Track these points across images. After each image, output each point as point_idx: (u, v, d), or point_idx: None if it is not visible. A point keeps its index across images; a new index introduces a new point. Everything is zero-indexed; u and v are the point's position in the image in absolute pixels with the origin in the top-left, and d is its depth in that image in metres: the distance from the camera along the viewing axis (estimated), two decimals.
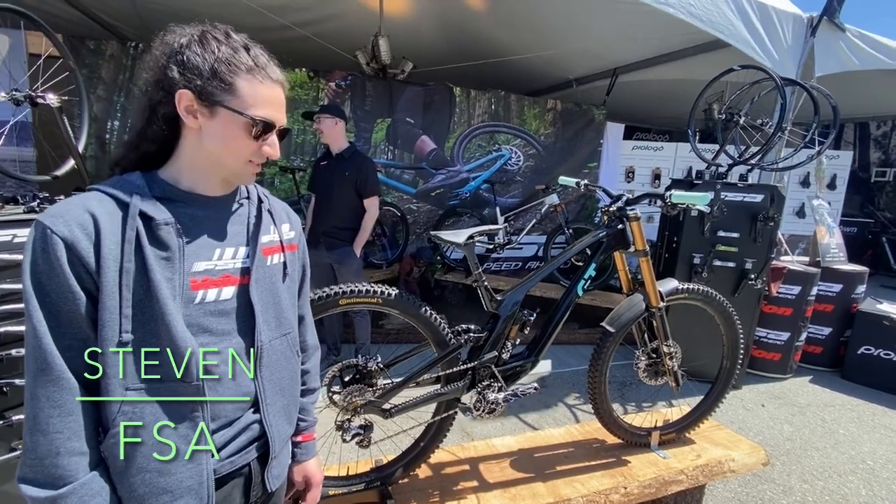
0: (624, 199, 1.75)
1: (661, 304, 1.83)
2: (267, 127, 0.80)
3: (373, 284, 1.47)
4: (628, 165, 6.41)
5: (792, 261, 3.89)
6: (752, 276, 3.30)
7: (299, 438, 1.04)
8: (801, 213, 6.19)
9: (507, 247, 4.73)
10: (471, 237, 1.54)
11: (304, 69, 4.59)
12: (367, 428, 1.48)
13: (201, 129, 0.78)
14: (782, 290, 3.62)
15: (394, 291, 1.48)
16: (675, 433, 2.12)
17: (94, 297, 0.70)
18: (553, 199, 4.69)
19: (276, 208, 0.95)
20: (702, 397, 2.19)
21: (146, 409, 0.73)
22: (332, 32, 4.61)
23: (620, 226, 1.74)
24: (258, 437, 0.87)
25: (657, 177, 6.42)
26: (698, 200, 1.55)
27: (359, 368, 1.49)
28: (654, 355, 1.99)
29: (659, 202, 1.61)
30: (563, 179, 2.10)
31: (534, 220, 4.91)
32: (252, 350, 0.84)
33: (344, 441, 1.46)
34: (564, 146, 5.71)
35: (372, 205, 3.06)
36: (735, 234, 3.34)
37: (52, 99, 1.75)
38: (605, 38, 4.60)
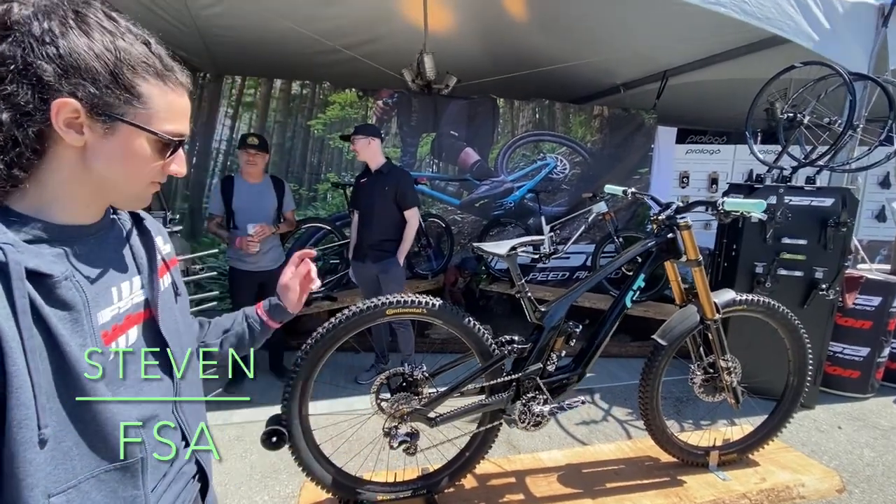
0: (674, 206, 1.69)
1: (717, 317, 1.74)
2: (178, 144, 0.67)
3: (417, 295, 1.51)
4: (682, 170, 6.15)
5: (870, 269, 3.56)
6: (824, 286, 3.05)
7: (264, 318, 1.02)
8: (881, 216, 5.65)
9: (554, 256, 4.66)
10: (513, 248, 1.56)
11: (353, 89, 4.80)
12: (413, 436, 1.52)
13: (86, 147, 0.59)
14: (859, 302, 3.32)
15: (437, 302, 1.52)
16: (737, 454, 1.99)
17: None
18: (601, 207, 4.58)
19: (149, 221, 0.79)
20: (766, 416, 2.05)
21: None
22: (379, 52, 4.80)
23: (670, 234, 1.68)
24: (195, 472, 0.80)
25: (714, 181, 6.11)
26: (754, 207, 1.48)
27: (405, 377, 1.54)
28: (711, 370, 1.89)
29: (711, 210, 1.55)
30: (609, 188, 2.06)
31: (581, 229, 4.81)
32: (172, 386, 0.74)
33: (391, 447, 1.50)
34: (612, 152, 5.57)
35: (412, 216, 3.17)
36: (802, 241, 3.11)
37: None
38: (654, 40, 4.47)
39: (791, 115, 3.07)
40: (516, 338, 1.62)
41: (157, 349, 0.72)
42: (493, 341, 1.60)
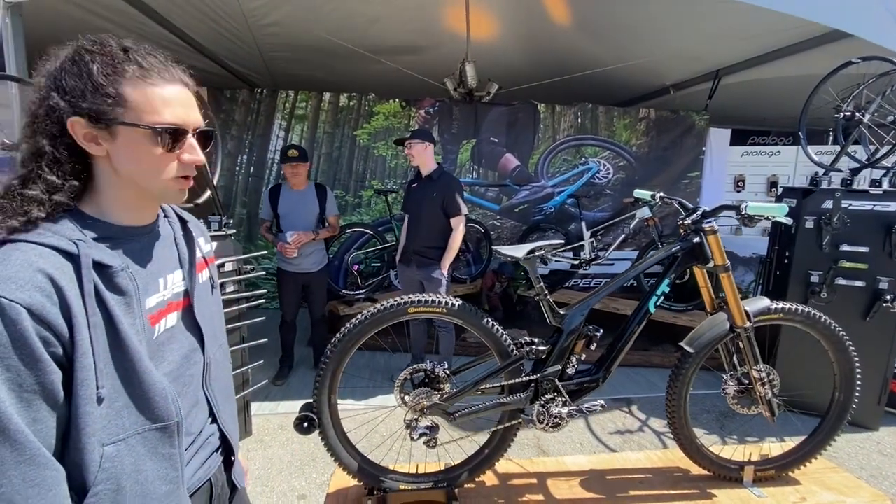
0: (700, 211, 1.66)
1: (748, 325, 1.68)
2: (177, 133, 0.72)
3: (438, 295, 1.59)
4: (737, 173, 5.84)
5: None
6: (888, 297, 2.81)
7: None
8: None
9: (595, 263, 4.58)
10: (531, 251, 1.60)
11: (396, 100, 4.99)
12: (433, 429, 1.59)
13: (109, 155, 0.71)
14: None
15: (458, 302, 1.59)
16: (775, 471, 1.90)
17: (62, 361, 0.64)
18: (644, 212, 4.45)
19: (193, 223, 0.93)
20: (809, 433, 1.94)
21: (125, 460, 0.70)
22: (422, 63, 4.96)
23: (696, 239, 1.66)
24: (220, 443, 0.92)
25: (773, 185, 5.75)
26: (777, 211, 1.43)
27: (427, 373, 1.62)
28: (745, 381, 1.83)
29: (736, 214, 1.51)
30: (638, 192, 2.04)
31: (623, 235, 4.70)
32: (202, 365, 0.87)
33: (412, 439, 1.58)
34: (660, 156, 5.41)
35: (458, 224, 3.15)
36: (864, 249, 2.89)
37: None
38: (704, 39, 4.31)
39: (849, 113, 2.87)
40: (536, 340, 1.65)
41: (192, 333, 0.86)
42: (513, 342, 1.65)
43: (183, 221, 0.91)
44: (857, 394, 1.85)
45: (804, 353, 2.63)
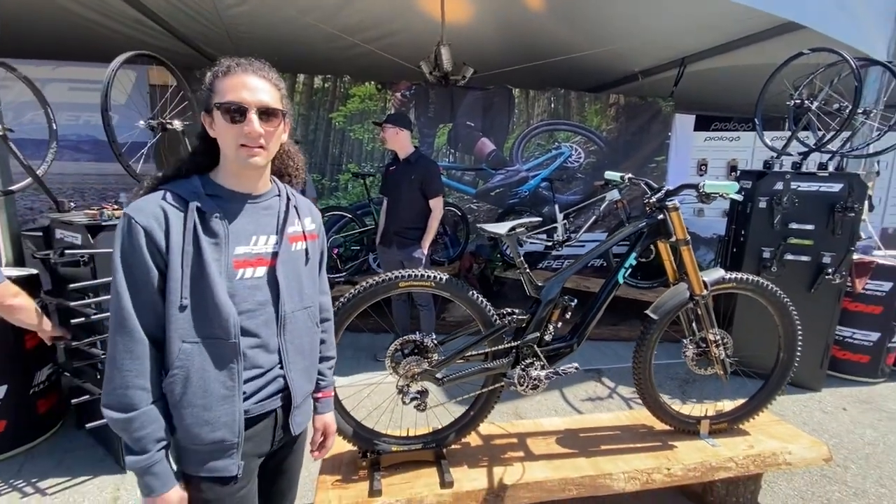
0: (664, 190, 1.82)
1: (705, 293, 1.87)
2: (239, 108, 0.93)
3: (428, 271, 1.70)
4: (701, 158, 6.13)
5: (884, 255, 3.57)
6: (830, 270, 3.10)
7: (319, 395, 1.25)
8: None
9: (567, 244, 4.78)
10: (513, 228, 1.72)
11: (372, 82, 4.98)
12: (423, 393, 1.72)
13: (217, 135, 0.98)
14: (870, 287, 3.34)
15: (445, 276, 1.70)
16: (728, 423, 2.12)
17: (163, 271, 0.91)
18: (614, 195, 4.61)
19: (301, 205, 1.14)
20: (757, 390, 2.17)
21: (196, 358, 0.93)
22: (398, 45, 4.96)
23: (661, 216, 1.82)
24: (282, 389, 1.07)
25: (734, 168, 6.07)
26: (729, 189, 1.60)
27: (416, 344, 1.73)
28: (703, 344, 2.02)
29: (694, 192, 1.68)
30: (608, 174, 2.19)
31: (594, 217, 4.90)
32: (277, 318, 1.04)
33: (403, 403, 1.70)
34: (629, 141, 5.61)
35: (437, 205, 3.25)
36: (809, 227, 3.16)
37: (177, 125, 2.20)
38: (671, 27, 4.48)
39: (799, 101, 3.10)
40: (516, 310, 1.79)
41: (272, 288, 1.03)
42: (495, 312, 1.78)
43: (290, 202, 1.10)
44: (798, 354, 2.08)
45: (756, 321, 2.87)
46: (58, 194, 2.33)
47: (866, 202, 3.15)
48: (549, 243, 4.73)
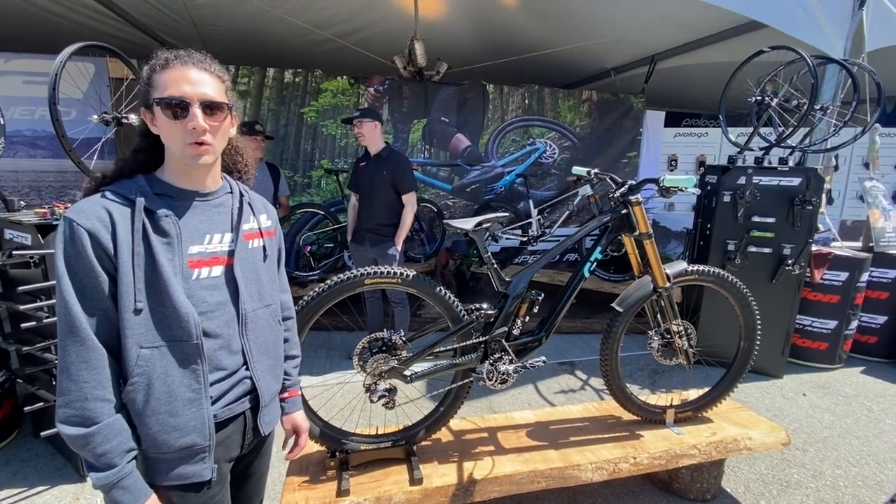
0: (627, 185, 1.85)
1: (668, 285, 1.91)
2: (180, 103, 0.90)
3: (394, 267, 1.68)
4: (671, 154, 6.27)
5: (841, 246, 3.72)
6: (790, 261, 3.21)
7: (286, 395, 1.23)
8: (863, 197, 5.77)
9: (542, 239, 4.82)
10: (479, 224, 1.72)
11: (345, 77, 4.91)
12: (391, 391, 1.70)
13: (160, 131, 0.94)
14: (828, 277, 3.49)
15: (412, 273, 1.69)
16: (692, 412, 2.18)
17: (113, 276, 0.87)
18: (587, 190, 4.64)
19: (256, 201, 1.12)
20: (719, 378, 2.23)
21: (157, 363, 0.90)
22: (371, 40, 4.90)
23: (624, 210, 1.85)
24: (250, 390, 1.05)
25: (702, 164, 6.23)
26: (687, 183, 1.64)
27: (384, 341, 1.72)
28: (667, 335, 2.07)
29: (655, 186, 1.71)
30: (576, 169, 2.22)
31: (567, 212, 4.95)
32: (238, 317, 1.01)
33: (371, 402, 1.69)
34: (601, 136, 5.69)
35: (409, 200, 3.22)
36: (771, 220, 3.26)
37: (133, 119, 2.11)
38: (640, 24, 4.56)
39: (760, 98, 3.20)
40: (484, 305, 1.79)
41: (230, 287, 1.01)
42: (463, 308, 1.78)
43: (244, 198, 1.08)
44: (758, 343, 2.15)
45: (720, 312, 2.96)
46: (12, 193, 2.23)
47: (824, 195, 3.28)
48: (524, 238, 4.77)
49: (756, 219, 3.28)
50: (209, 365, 0.96)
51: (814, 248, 3.39)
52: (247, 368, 1.04)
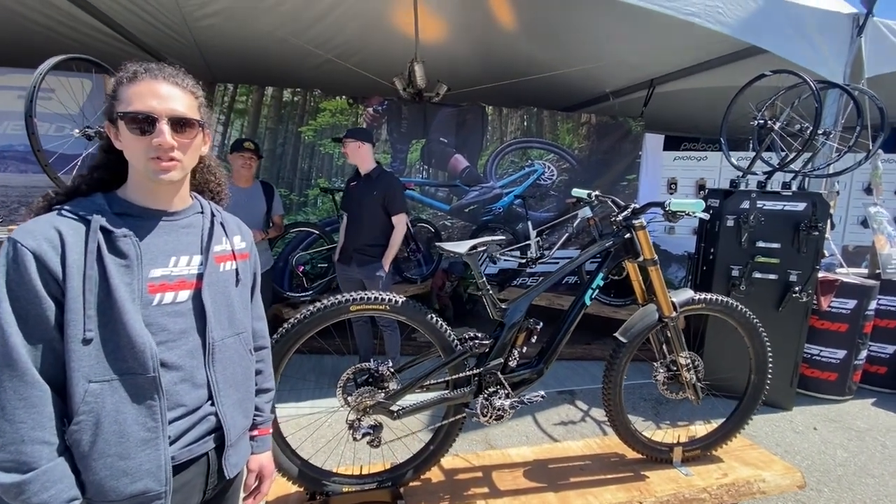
0: (630, 208, 1.76)
1: (674, 314, 1.80)
2: (147, 118, 0.85)
3: (380, 292, 1.58)
4: (671, 177, 6.23)
5: (847, 273, 3.62)
6: (797, 288, 3.11)
7: (255, 433, 1.12)
8: (866, 222, 5.71)
9: (541, 261, 4.72)
10: (473, 247, 1.62)
11: (343, 97, 4.89)
12: (376, 428, 1.57)
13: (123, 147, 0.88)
14: (835, 304, 3.38)
15: (401, 299, 1.58)
16: (700, 450, 2.04)
17: (60, 301, 0.78)
18: (586, 212, 4.64)
19: (229, 221, 1.05)
20: (729, 414, 2.10)
21: (107, 399, 0.80)
22: (371, 61, 4.90)
23: (627, 235, 1.75)
24: (215, 428, 0.95)
25: (702, 188, 6.18)
26: (695, 207, 1.55)
27: (371, 372, 1.60)
28: (674, 367, 1.95)
29: (661, 210, 1.62)
30: (575, 191, 2.13)
31: (567, 234, 4.88)
32: (205, 347, 0.92)
33: (354, 439, 1.56)
34: (600, 159, 5.66)
35: (399, 222, 3.15)
36: (776, 245, 3.17)
37: None
38: (640, 49, 4.57)
39: (763, 122, 3.15)
40: (479, 334, 1.68)
41: (198, 314, 0.92)
42: (456, 337, 1.66)
43: (215, 218, 1.00)
44: (769, 376, 2.03)
45: (727, 341, 2.84)
46: (1, 207, 2.13)
47: (829, 221, 3.20)
48: (523, 260, 4.69)
49: (761, 244, 3.19)
50: (168, 401, 0.86)
51: (820, 274, 3.30)
52: (212, 404, 0.94)
